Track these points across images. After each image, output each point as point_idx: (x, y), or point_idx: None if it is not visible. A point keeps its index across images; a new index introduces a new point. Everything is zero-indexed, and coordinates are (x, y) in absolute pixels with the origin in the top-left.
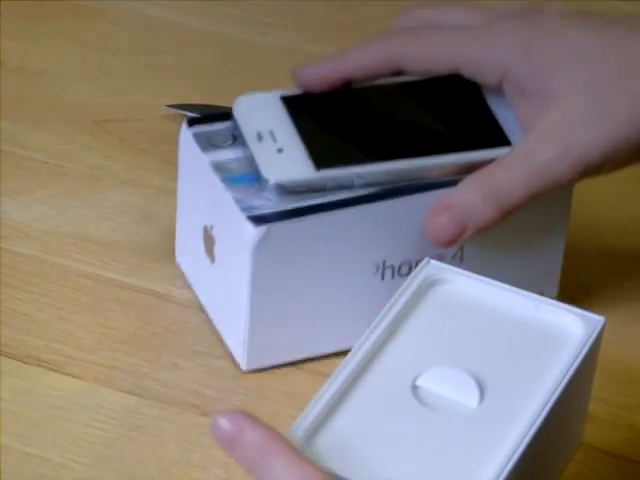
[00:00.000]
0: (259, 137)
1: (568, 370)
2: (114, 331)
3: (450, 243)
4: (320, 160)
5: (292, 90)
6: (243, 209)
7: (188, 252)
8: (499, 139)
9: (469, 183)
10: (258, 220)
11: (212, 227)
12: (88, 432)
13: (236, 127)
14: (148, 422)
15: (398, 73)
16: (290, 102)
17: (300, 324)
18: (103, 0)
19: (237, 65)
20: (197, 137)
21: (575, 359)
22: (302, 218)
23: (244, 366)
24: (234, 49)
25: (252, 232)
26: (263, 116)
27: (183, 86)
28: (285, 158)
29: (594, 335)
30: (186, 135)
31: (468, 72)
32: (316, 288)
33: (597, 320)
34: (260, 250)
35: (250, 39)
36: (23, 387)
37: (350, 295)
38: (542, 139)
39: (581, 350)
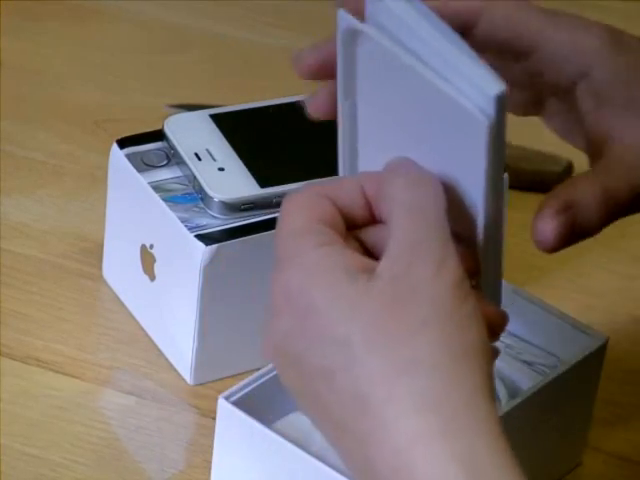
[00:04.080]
0: (197, 156)
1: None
2: (114, 331)
3: (558, 248)
4: (263, 177)
5: (219, 108)
6: (190, 228)
7: (119, 269)
8: None
9: (580, 183)
10: (207, 239)
11: (152, 246)
12: (88, 432)
13: (170, 147)
14: (148, 422)
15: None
16: (220, 120)
17: (247, 339)
18: (103, 0)
19: (237, 65)
20: (130, 158)
21: None
22: (251, 235)
23: (191, 381)
24: (234, 49)
25: (203, 251)
26: (196, 135)
27: (183, 86)
28: (227, 176)
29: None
30: (117, 156)
31: (544, 58)
32: (262, 303)
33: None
34: (210, 268)
35: (250, 39)
36: (23, 387)
37: None
38: None
39: None
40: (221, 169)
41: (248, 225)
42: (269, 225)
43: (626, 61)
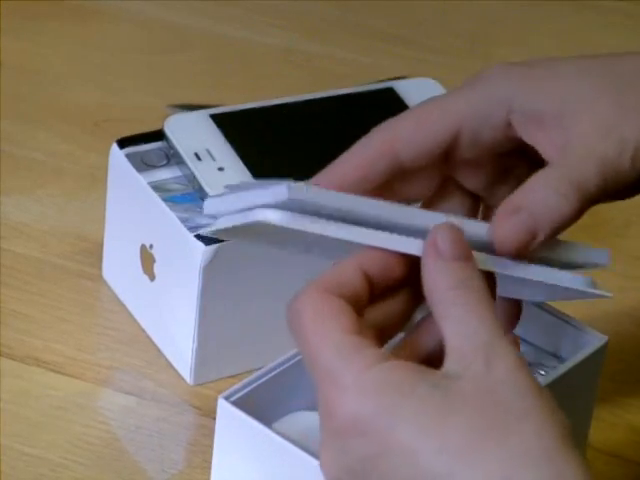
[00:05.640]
0: (197, 156)
1: None
2: (114, 331)
3: (520, 250)
4: (263, 177)
5: (219, 108)
6: (190, 228)
7: (119, 269)
8: None
9: (537, 180)
10: (207, 239)
11: (152, 246)
12: (88, 432)
13: (170, 147)
14: (148, 422)
15: (395, 172)
16: (220, 120)
17: (247, 339)
18: (103, 0)
19: (237, 65)
20: (130, 158)
21: None
22: None
23: (191, 381)
24: (234, 49)
25: (203, 251)
26: (196, 135)
27: (183, 86)
28: (227, 176)
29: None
30: (117, 156)
31: (472, 123)
32: (262, 303)
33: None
34: (210, 268)
35: (250, 39)
36: (23, 387)
37: None
38: (597, 135)
39: None
40: (221, 169)
41: None
42: None
43: (533, 72)
